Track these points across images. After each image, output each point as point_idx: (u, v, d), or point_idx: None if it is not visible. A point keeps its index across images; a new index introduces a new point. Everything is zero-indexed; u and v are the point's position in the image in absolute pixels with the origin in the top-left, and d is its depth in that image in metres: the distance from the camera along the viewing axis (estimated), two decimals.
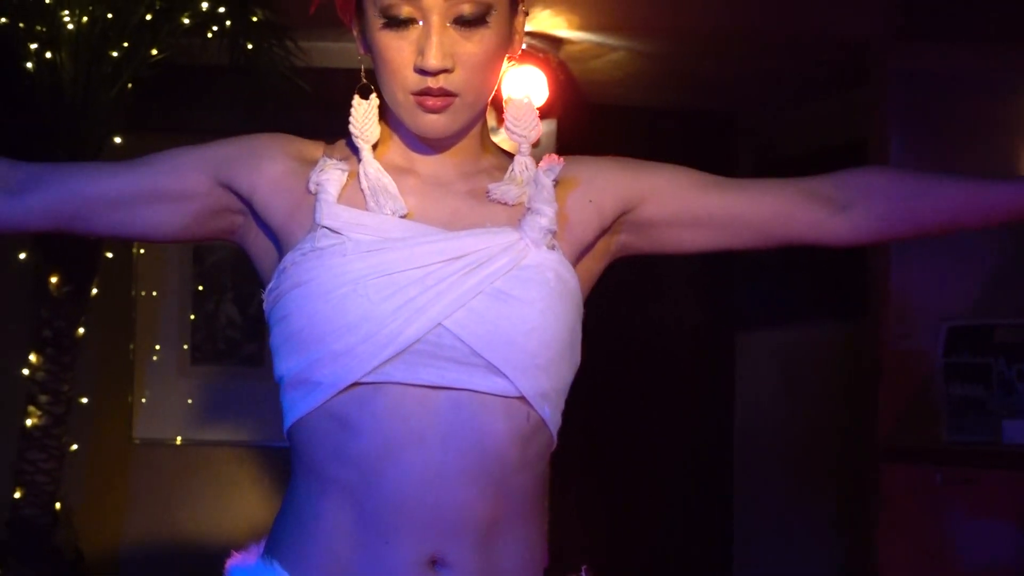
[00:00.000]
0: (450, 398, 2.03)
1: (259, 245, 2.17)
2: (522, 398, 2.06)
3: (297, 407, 2.08)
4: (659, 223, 2.22)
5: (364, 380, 2.02)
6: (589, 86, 6.87)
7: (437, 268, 2.03)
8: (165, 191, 2.15)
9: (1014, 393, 5.76)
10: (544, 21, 6.10)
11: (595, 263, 2.22)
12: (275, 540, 2.13)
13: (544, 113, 5.87)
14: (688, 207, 2.22)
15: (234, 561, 2.15)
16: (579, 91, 6.81)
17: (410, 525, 2.03)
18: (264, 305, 2.14)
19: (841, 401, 6.95)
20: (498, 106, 2.22)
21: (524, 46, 2.14)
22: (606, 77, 6.84)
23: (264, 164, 2.13)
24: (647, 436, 7.68)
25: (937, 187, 2.25)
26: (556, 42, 6.44)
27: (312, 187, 2.10)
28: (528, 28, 6.72)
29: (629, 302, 7.44)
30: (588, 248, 2.19)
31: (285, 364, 2.08)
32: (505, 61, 2.15)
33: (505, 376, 2.04)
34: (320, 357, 2.03)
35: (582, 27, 6.34)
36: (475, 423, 2.04)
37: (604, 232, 2.20)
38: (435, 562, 2.05)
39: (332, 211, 2.07)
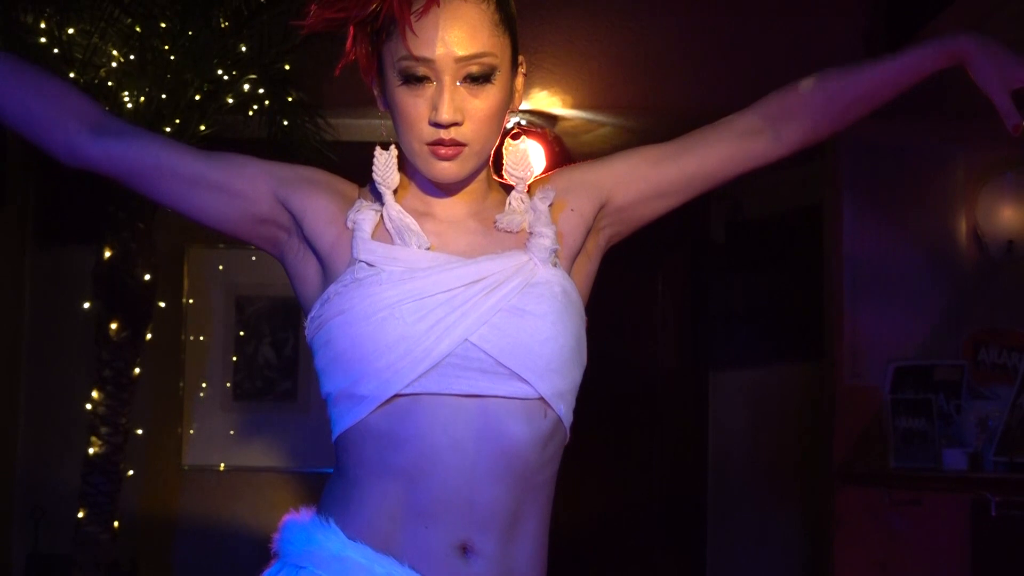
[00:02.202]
0: (479, 405, 2.04)
1: (303, 265, 2.16)
2: (541, 399, 2.07)
3: (344, 419, 2.08)
4: (631, 205, 2.24)
5: (403, 392, 2.02)
6: (581, 157, 6.71)
7: (461, 291, 2.04)
8: (227, 185, 2.14)
9: (952, 425, 5.73)
10: (541, 100, 6.10)
11: (590, 263, 2.23)
12: (324, 507, 2.12)
13: None
14: (650, 184, 2.23)
15: (290, 517, 2.14)
16: (572, 162, 6.76)
17: (447, 516, 2.04)
18: (307, 331, 2.14)
19: (802, 432, 6.92)
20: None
21: (524, 122, 2.18)
22: (595, 149, 6.70)
23: (316, 192, 2.14)
24: (632, 463, 7.67)
25: (847, 82, 2.25)
26: (551, 119, 6.40)
27: (349, 224, 2.11)
28: (526, 106, 6.66)
29: (618, 348, 7.43)
30: (579, 251, 2.20)
31: (331, 382, 2.09)
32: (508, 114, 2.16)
33: (525, 381, 2.05)
34: (364, 374, 2.03)
35: (574, 106, 6.33)
36: (503, 426, 2.05)
37: (589, 231, 2.21)
38: (465, 549, 2.05)
39: (368, 247, 2.08)
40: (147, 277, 5.59)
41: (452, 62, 2.04)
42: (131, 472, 5.95)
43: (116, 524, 5.63)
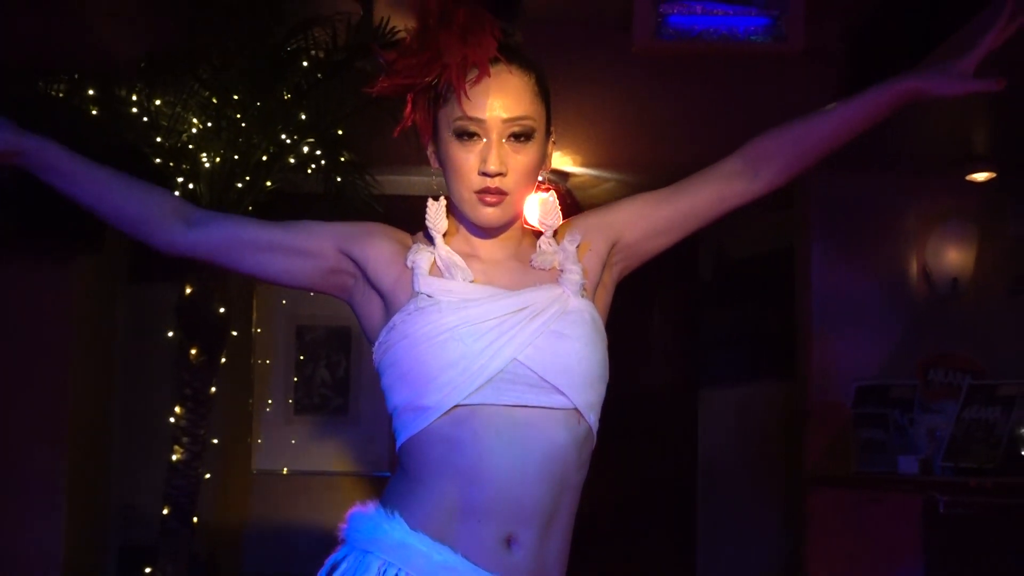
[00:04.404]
0: (525, 414, 2.07)
1: (368, 304, 2.18)
2: (576, 409, 2.10)
3: (410, 427, 2.10)
4: (637, 242, 2.27)
5: (463, 403, 2.05)
6: (589, 208, 6.79)
7: (508, 317, 2.08)
8: (299, 247, 2.18)
9: (906, 436, 5.72)
10: (555, 159, 5.68)
11: (607, 294, 2.26)
12: (388, 501, 2.13)
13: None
14: (652, 223, 2.26)
15: (355, 509, 2.15)
16: (581, 212, 6.71)
17: (498, 512, 2.05)
18: (374, 356, 2.16)
19: (779, 441, 6.89)
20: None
21: (540, 178, 2.22)
22: (601, 201, 6.16)
23: (374, 242, 2.18)
24: (631, 468, 7.61)
25: (811, 126, 2.25)
26: (564, 175, 6.47)
27: (409, 263, 2.14)
28: None
29: (620, 369, 7.22)
30: (599, 283, 2.24)
31: (398, 397, 2.11)
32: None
33: (564, 394, 2.08)
34: (428, 387, 2.06)
35: (583, 164, 6.41)
36: (546, 433, 2.07)
37: (604, 266, 2.25)
38: (510, 541, 2.07)
39: (426, 281, 2.11)
40: (222, 310, 5.57)
41: (500, 122, 2.09)
42: (208, 476, 5.88)
43: (195, 520, 5.58)
